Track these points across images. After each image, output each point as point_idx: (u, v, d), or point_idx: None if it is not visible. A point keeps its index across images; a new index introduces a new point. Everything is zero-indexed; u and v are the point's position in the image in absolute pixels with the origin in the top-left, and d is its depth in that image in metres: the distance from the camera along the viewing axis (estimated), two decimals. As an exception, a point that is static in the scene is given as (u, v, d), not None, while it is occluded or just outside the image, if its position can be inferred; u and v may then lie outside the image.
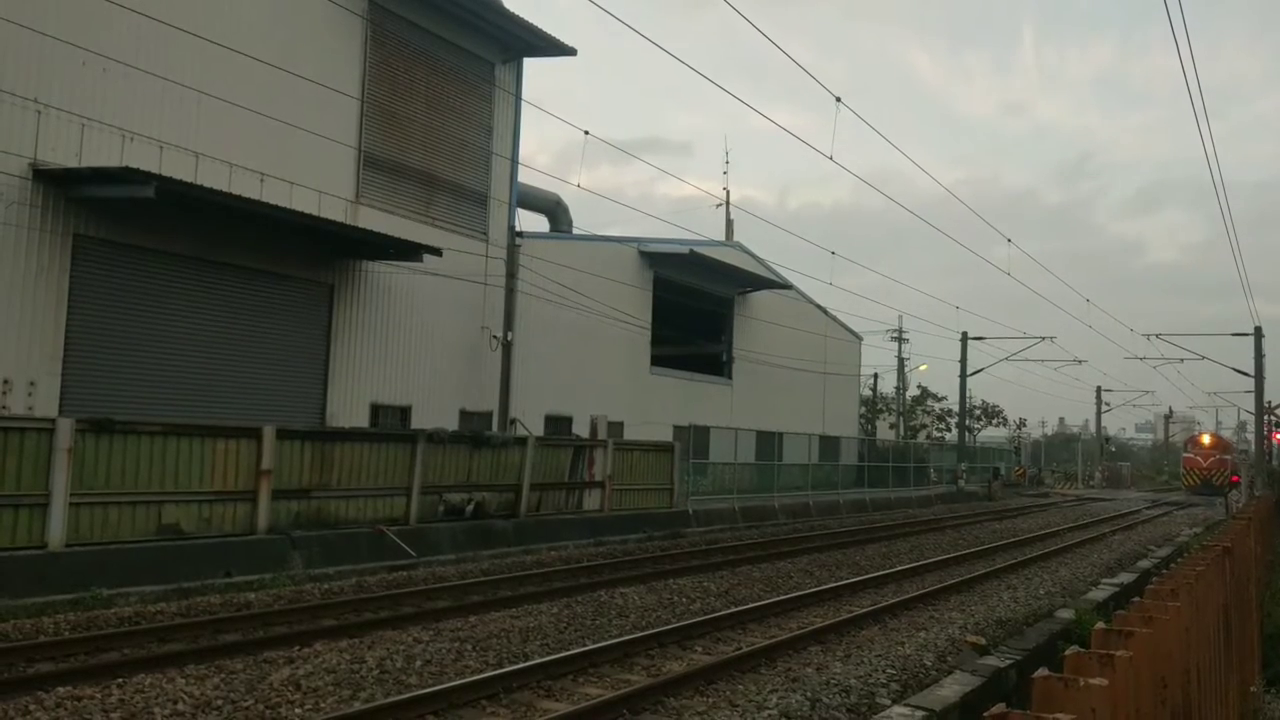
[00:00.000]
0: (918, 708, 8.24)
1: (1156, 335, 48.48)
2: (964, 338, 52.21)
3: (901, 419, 69.27)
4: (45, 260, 17.76)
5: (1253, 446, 57.48)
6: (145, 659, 9.39)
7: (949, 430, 71.04)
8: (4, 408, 16.68)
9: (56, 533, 12.76)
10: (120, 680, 8.64)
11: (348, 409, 23.41)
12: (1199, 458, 66.74)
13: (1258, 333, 46.54)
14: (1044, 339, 51.02)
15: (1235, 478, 57.27)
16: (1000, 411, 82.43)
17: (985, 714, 2.41)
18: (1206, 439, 68.83)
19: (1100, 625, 3.59)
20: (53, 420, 13.41)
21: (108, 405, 17.31)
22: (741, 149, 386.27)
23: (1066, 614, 13.94)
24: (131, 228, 19.05)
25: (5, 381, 17.05)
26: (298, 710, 8.05)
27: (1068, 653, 3.02)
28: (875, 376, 67.72)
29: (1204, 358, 50.79)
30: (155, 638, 10.41)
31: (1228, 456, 66.39)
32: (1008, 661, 10.61)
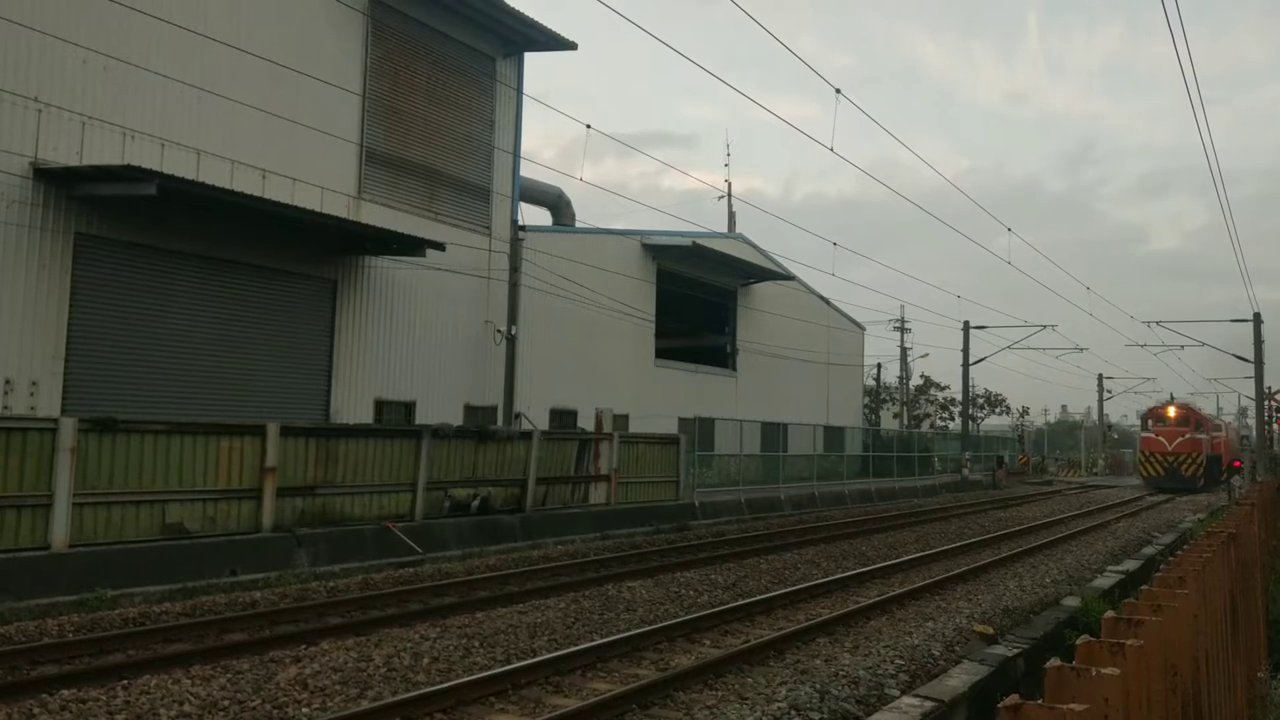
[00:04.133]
0: (927, 698, 8.21)
1: (1157, 322, 48.19)
2: (966, 327, 52.17)
3: (905, 409, 69.23)
4: (47, 259, 17.75)
5: (1254, 431, 56.95)
6: (150, 660, 9.37)
7: (952, 419, 71.00)
8: (6, 408, 16.69)
9: (60, 533, 12.75)
10: (125, 682, 8.63)
11: (352, 405, 23.41)
12: (1162, 438, 50.08)
13: (1257, 319, 46.50)
14: (1045, 327, 50.90)
15: (1237, 463, 51.31)
16: (1003, 400, 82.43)
17: (1000, 705, 2.38)
18: (1172, 411, 51.49)
19: (1110, 614, 3.56)
20: (55, 420, 13.39)
21: (110, 404, 17.30)
22: (748, 141, 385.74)
23: (1073, 602, 13.92)
24: (133, 226, 19.03)
25: (7, 381, 17.05)
26: (305, 709, 8.03)
27: (1079, 642, 2.99)
28: (879, 366, 67.70)
29: (1204, 344, 50.57)
30: (160, 638, 10.39)
31: (1202, 436, 50.78)
32: (1015, 650, 10.58)
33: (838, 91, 19.09)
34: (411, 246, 23.27)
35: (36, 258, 17.61)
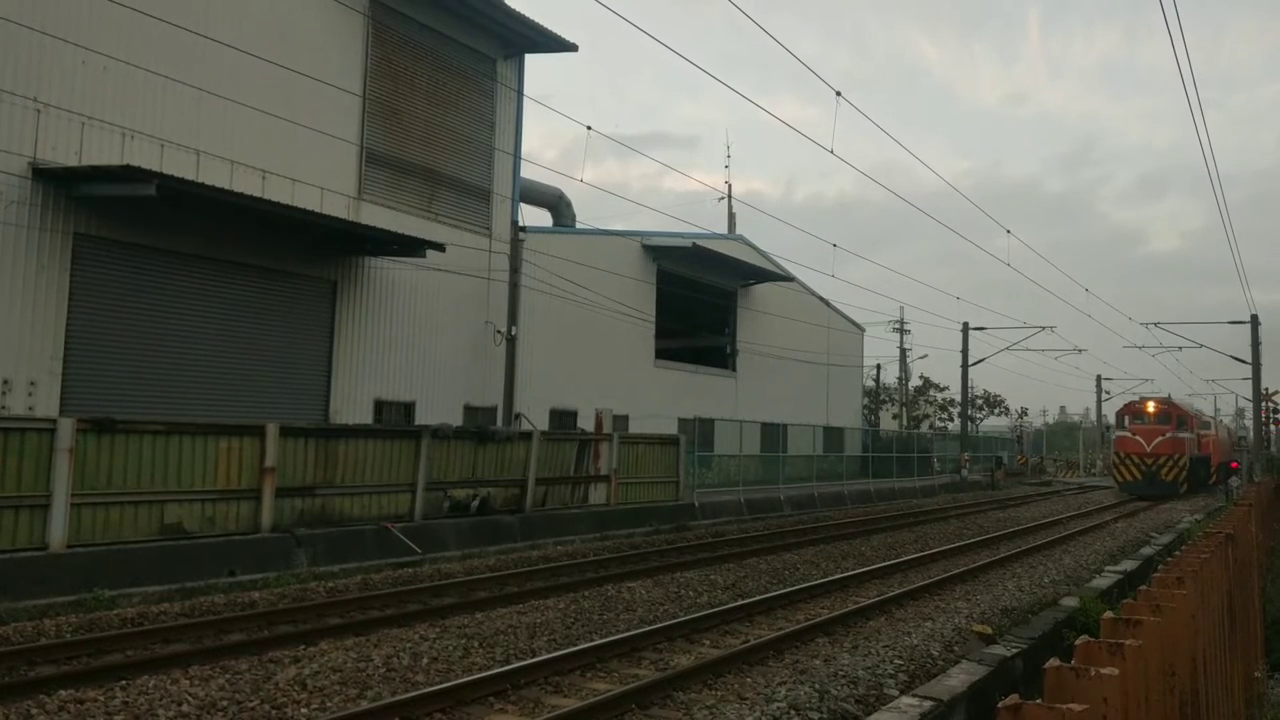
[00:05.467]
0: (925, 698, 8.21)
1: (1155, 324, 48.19)
2: (965, 328, 52.18)
3: (904, 409, 69.26)
4: (46, 259, 17.74)
5: (1251, 433, 56.83)
6: (149, 660, 9.36)
7: (952, 420, 71.02)
8: (4, 408, 16.67)
9: (58, 534, 12.73)
10: (124, 682, 8.62)
11: (351, 405, 23.40)
12: (1139, 437, 43.53)
13: (1254, 320, 46.54)
14: (1044, 328, 50.88)
15: (1235, 464, 48.76)
16: (1002, 401, 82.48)
17: (1000, 704, 2.38)
18: (1151, 406, 45.08)
19: (1109, 614, 3.57)
20: (53, 420, 13.37)
21: (109, 404, 17.30)
22: (749, 141, 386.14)
23: (1071, 602, 13.91)
24: (132, 226, 19.02)
25: (5, 381, 17.04)
26: (304, 710, 8.03)
27: (1078, 642, 2.99)
28: (878, 367, 67.72)
29: (1202, 346, 50.56)
30: (159, 639, 10.38)
31: (1186, 434, 44.33)
32: (1014, 650, 10.57)
33: (838, 94, 19.09)
34: (411, 247, 23.27)
35: (35, 258, 17.60)
